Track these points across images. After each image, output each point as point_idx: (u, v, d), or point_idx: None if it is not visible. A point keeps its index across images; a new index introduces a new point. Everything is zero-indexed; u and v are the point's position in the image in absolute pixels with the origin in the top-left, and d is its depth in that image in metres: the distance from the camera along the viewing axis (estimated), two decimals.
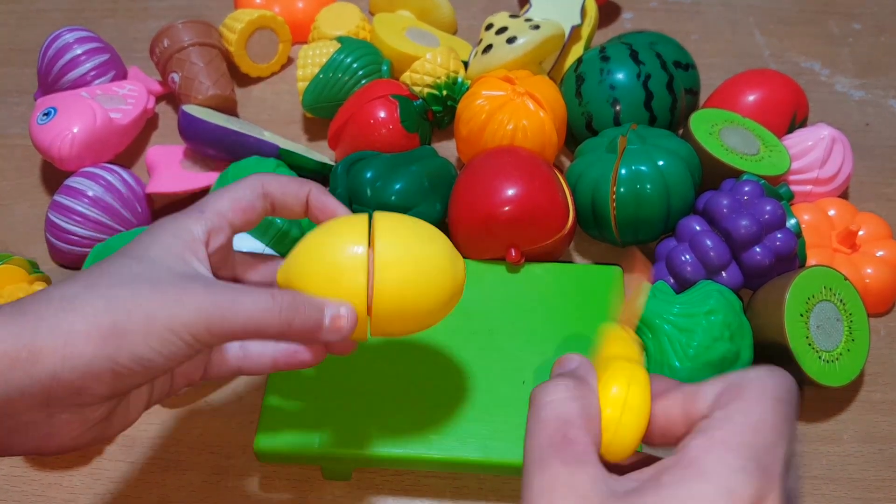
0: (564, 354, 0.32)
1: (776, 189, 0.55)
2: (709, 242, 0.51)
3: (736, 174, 0.56)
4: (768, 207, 0.51)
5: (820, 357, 0.49)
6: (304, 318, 0.35)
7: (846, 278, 0.51)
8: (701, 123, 0.59)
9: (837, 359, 0.49)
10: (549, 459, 0.26)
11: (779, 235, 0.51)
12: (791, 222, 0.53)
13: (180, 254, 0.35)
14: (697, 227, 0.53)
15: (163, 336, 0.32)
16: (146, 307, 0.32)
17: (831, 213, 0.58)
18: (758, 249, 0.51)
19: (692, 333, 0.46)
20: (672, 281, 0.53)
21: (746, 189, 0.53)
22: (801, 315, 0.49)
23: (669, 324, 0.47)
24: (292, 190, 0.39)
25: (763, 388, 0.26)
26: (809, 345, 0.48)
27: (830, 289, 0.50)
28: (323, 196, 0.40)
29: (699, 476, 0.23)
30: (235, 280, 0.41)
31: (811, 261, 0.55)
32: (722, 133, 0.59)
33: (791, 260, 0.52)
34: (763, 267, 0.51)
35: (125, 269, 0.33)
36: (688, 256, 0.52)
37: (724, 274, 0.51)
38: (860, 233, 0.56)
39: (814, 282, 0.50)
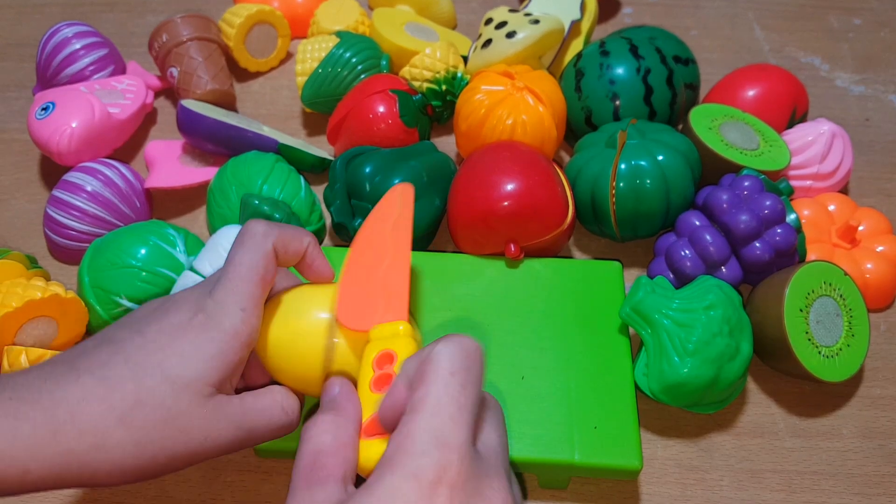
0: (329, 380, 0.37)
1: (776, 184, 0.55)
2: (708, 237, 0.51)
3: (736, 169, 0.55)
4: (768, 202, 0.51)
5: (820, 352, 0.49)
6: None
7: (846, 273, 0.51)
8: (701, 118, 0.59)
9: (837, 354, 0.49)
10: (297, 485, 0.32)
11: (778, 231, 0.51)
12: (791, 217, 0.53)
13: (211, 371, 0.35)
14: (697, 222, 0.53)
15: (175, 467, 0.35)
16: (167, 442, 0.34)
17: (831, 208, 0.58)
18: (757, 244, 0.51)
19: (691, 328, 0.46)
20: (671, 276, 0.53)
21: (746, 184, 0.53)
22: (801, 310, 0.49)
23: (668, 319, 0.47)
24: (294, 248, 0.39)
25: (437, 367, 0.29)
26: (809, 340, 0.48)
27: (830, 284, 0.50)
28: (316, 252, 0.41)
29: (391, 470, 0.27)
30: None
31: (811, 256, 0.55)
32: (722, 128, 0.59)
33: (791, 255, 0.52)
34: (763, 262, 0.51)
35: (150, 390, 0.33)
36: (687, 251, 0.52)
37: (723, 269, 0.51)
38: (860, 228, 0.56)
39: (814, 277, 0.49)
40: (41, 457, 0.31)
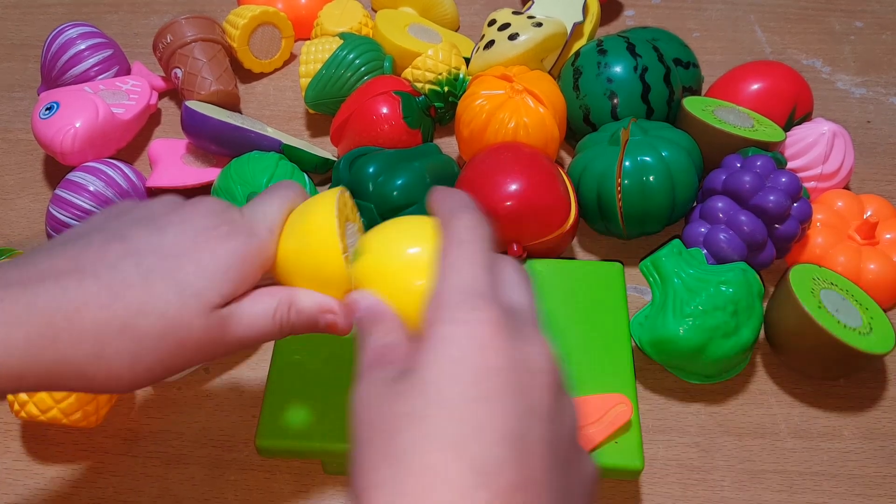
0: (353, 297, 0.36)
1: (779, 157, 0.56)
2: (743, 218, 0.52)
3: (734, 143, 0.56)
4: (783, 179, 0.52)
5: (857, 332, 0.48)
6: (301, 325, 0.37)
7: (833, 272, 0.52)
8: (694, 104, 0.60)
9: (870, 331, 0.49)
10: (365, 369, 0.32)
11: (797, 204, 0.53)
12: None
13: (225, 283, 0.34)
14: (724, 206, 0.53)
15: (170, 375, 0.34)
16: (163, 354, 0.33)
17: (839, 204, 0.58)
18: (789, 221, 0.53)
19: (696, 295, 0.48)
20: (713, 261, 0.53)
21: (759, 164, 0.53)
22: (818, 305, 0.49)
23: (680, 279, 0.49)
24: None
25: (451, 239, 0.32)
26: (838, 322, 0.48)
27: (822, 279, 0.51)
28: None
29: (438, 323, 0.29)
30: None
31: (838, 258, 0.55)
32: (716, 111, 0.59)
33: (809, 225, 0.55)
34: (794, 235, 0.53)
35: (156, 297, 0.32)
36: (724, 236, 0.52)
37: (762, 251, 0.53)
38: (866, 215, 0.57)
39: (805, 274, 0.51)
40: (37, 364, 0.31)
